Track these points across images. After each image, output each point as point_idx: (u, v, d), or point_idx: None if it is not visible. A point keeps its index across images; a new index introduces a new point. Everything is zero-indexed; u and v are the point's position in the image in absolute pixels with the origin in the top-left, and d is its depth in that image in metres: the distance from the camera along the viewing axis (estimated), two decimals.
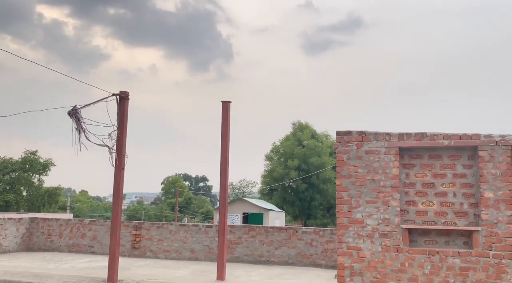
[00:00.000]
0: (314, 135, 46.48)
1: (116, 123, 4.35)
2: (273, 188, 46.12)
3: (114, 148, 4.29)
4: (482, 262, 7.03)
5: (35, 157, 45.14)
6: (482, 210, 7.14)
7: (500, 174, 7.16)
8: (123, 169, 4.31)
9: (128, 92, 4.38)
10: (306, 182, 42.80)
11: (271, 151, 48.00)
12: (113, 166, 4.29)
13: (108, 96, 4.22)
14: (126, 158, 4.37)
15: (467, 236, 7.33)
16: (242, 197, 58.30)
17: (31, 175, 45.17)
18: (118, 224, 4.28)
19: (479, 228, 7.11)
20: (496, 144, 7.23)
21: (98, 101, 4.14)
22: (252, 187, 72.01)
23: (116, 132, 4.32)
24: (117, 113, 4.28)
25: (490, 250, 7.02)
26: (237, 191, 72.58)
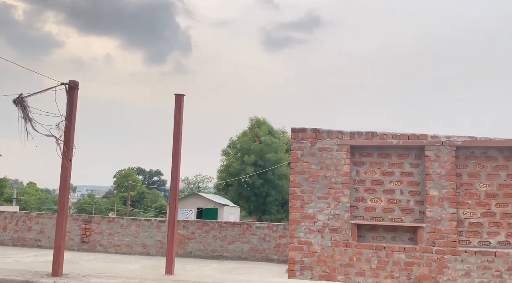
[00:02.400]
0: (271, 131, 46.81)
1: (64, 113, 4.21)
2: (229, 183, 46.13)
3: (62, 138, 4.16)
4: (426, 258, 7.33)
5: None
6: (427, 208, 7.44)
7: (445, 173, 7.48)
8: (70, 160, 4.19)
9: (78, 82, 4.25)
10: (262, 177, 43.08)
11: (228, 146, 47.94)
12: (60, 157, 4.16)
13: (57, 86, 4.08)
14: (74, 149, 4.25)
15: (413, 232, 7.63)
16: (198, 192, 57.99)
17: None
18: (64, 216, 4.16)
19: (423, 225, 7.41)
20: (442, 144, 7.55)
21: (45, 90, 4.00)
22: (208, 182, 71.68)
23: (64, 122, 4.18)
24: (66, 103, 4.15)
25: (434, 246, 7.33)
26: (192, 185, 72.07)
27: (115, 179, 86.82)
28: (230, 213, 40.05)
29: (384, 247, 7.45)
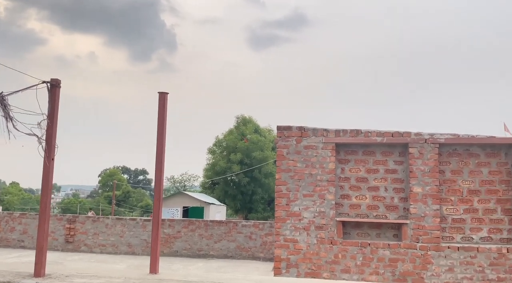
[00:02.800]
0: (257, 129, 46.82)
1: (46, 112, 4.15)
2: (215, 182, 46.03)
3: (44, 137, 4.09)
4: (410, 254, 7.41)
5: None
6: (411, 204, 7.52)
7: (428, 170, 7.57)
8: (53, 159, 4.13)
9: (60, 80, 4.19)
10: (248, 176, 43.08)
11: (214, 144, 47.83)
12: (42, 156, 4.10)
13: (38, 84, 4.02)
14: (56, 148, 4.19)
15: (397, 229, 7.70)
16: (184, 190, 57.76)
17: None
18: (46, 216, 4.11)
19: (408, 221, 7.49)
20: (425, 142, 7.64)
21: (26, 88, 3.93)
22: (194, 180, 71.39)
23: (46, 121, 4.12)
24: (48, 101, 4.09)
25: (418, 242, 7.42)
26: (178, 184, 71.73)
27: (100, 178, 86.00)
28: (217, 211, 39.98)
29: (369, 244, 7.51)
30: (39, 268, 4.02)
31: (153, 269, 4.34)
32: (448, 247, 7.35)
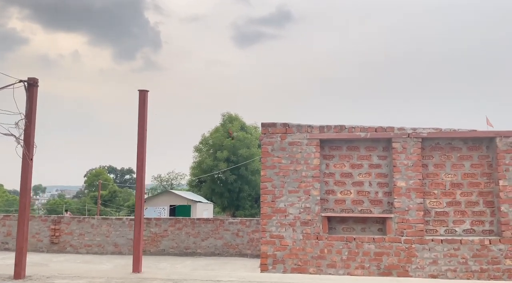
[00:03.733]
0: (243, 127, 46.79)
1: (24, 111, 4.08)
2: (202, 180, 45.92)
3: (22, 137, 4.02)
4: (395, 247, 7.47)
5: None
6: (395, 198, 7.58)
7: (412, 164, 7.63)
8: (31, 159, 4.06)
9: (37, 79, 4.11)
10: (235, 173, 43.05)
11: (200, 143, 47.66)
12: (20, 156, 4.03)
13: (15, 83, 3.94)
14: (35, 148, 4.12)
15: (382, 223, 7.76)
16: (170, 189, 57.47)
17: None
18: (26, 217, 4.04)
19: (392, 215, 7.55)
20: (408, 136, 7.70)
21: (3, 87, 3.86)
22: (181, 179, 71.04)
23: (24, 121, 4.05)
24: (26, 101, 4.02)
25: (402, 236, 7.48)
26: (165, 183, 71.33)
27: (85, 178, 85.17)
28: (204, 209, 39.90)
29: (354, 239, 7.56)
30: (19, 270, 3.95)
31: (136, 268, 4.30)
32: (432, 240, 7.43)
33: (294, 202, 7.70)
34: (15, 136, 3.91)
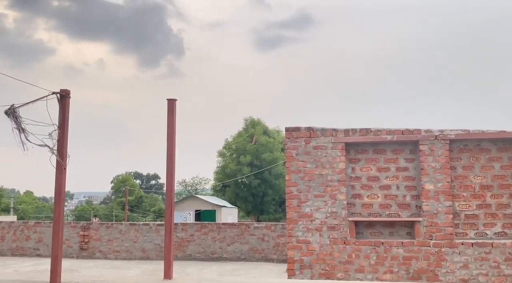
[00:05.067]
0: (266, 131, 46.87)
1: (57, 122, 4.21)
2: (226, 184, 46.16)
3: (55, 148, 4.15)
4: (424, 251, 7.37)
5: None
6: (423, 202, 7.48)
7: (440, 166, 7.52)
8: (65, 169, 4.18)
9: (69, 91, 4.24)
10: (258, 177, 43.11)
11: (224, 147, 47.95)
12: (54, 166, 4.15)
13: (48, 95, 4.07)
14: (68, 158, 4.24)
15: (410, 227, 7.66)
16: (195, 194, 57.90)
17: None
18: (60, 225, 4.16)
19: (420, 219, 7.45)
20: (436, 138, 7.59)
21: (37, 100, 3.99)
22: (205, 183, 71.54)
23: (57, 131, 4.18)
24: (59, 112, 4.14)
25: (431, 239, 7.37)
26: (189, 188, 71.95)
27: (112, 184, 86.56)
28: (228, 214, 40.06)
29: (382, 243, 7.48)
30: (54, 277, 4.07)
31: (167, 274, 4.37)
32: (462, 244, 7.30)
33: (320, 207, 7.68)
34: (49, 147, 4.03)
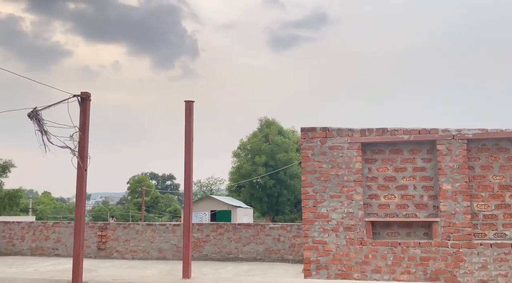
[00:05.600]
0: (281, 131, 46.84)
1: (78, 124, 4.30)
2: (241, 185, 46.23)
3: (77, 149, 4.24)
4: (441, 252, 7.31)
5: None
6: (441, 202, 7.42)
7: (457, 166, 7.45)
8: (86, 170, 4.27)
9: (90, 93, 4.33)
10: (273, 178, 43.10)
11: (239, 148, 48.04)
12: (75, 168, 4.25)
13: (69, 98, 4.16)
14: (88, 159, 4.33)
15: (427, 227, 7.61)
16: (210, 194, 58.14)
17: None
18: (81, 225, 4.25)
19: (438, 219, 7.39)
20: (453, 138, 7.53)
21: (58, 102, 4.08)
22: (220, 184, 71.73)
23: (78, 133, 4.27)
24: (79, 114, 4.23)
25: (449, 240, 7.31)
26: (205, 188, 72.24)
27: (128, 185, 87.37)
28: (244, 214, 40.13)
29: (399, 243, 7.44)
30: (76, 276, 4.16)
31: (186, 274, 4.43)
32: (481, 244, 7.22)
33: (337, 207, 7.67)
34: (70, 148, 4.12)
